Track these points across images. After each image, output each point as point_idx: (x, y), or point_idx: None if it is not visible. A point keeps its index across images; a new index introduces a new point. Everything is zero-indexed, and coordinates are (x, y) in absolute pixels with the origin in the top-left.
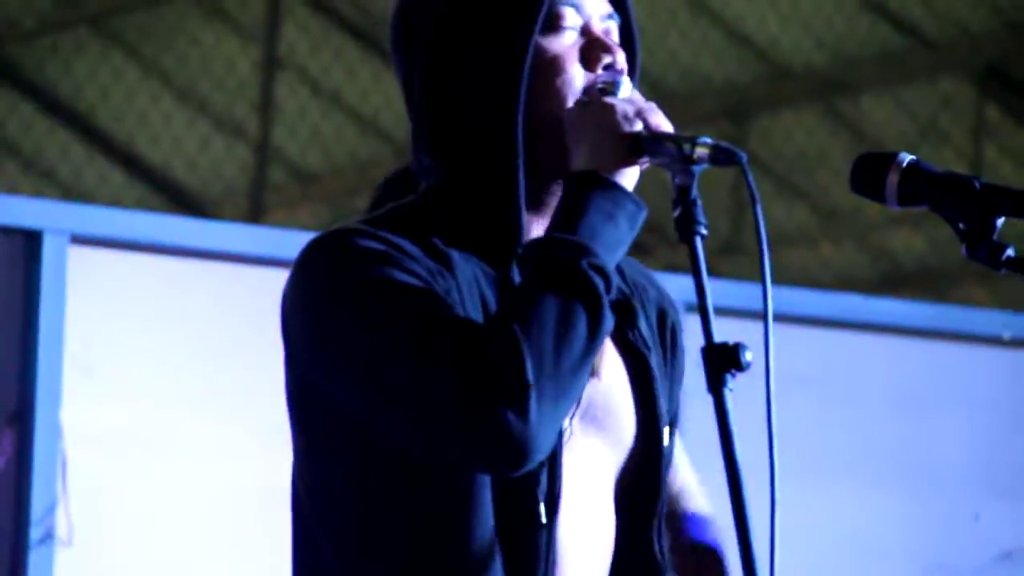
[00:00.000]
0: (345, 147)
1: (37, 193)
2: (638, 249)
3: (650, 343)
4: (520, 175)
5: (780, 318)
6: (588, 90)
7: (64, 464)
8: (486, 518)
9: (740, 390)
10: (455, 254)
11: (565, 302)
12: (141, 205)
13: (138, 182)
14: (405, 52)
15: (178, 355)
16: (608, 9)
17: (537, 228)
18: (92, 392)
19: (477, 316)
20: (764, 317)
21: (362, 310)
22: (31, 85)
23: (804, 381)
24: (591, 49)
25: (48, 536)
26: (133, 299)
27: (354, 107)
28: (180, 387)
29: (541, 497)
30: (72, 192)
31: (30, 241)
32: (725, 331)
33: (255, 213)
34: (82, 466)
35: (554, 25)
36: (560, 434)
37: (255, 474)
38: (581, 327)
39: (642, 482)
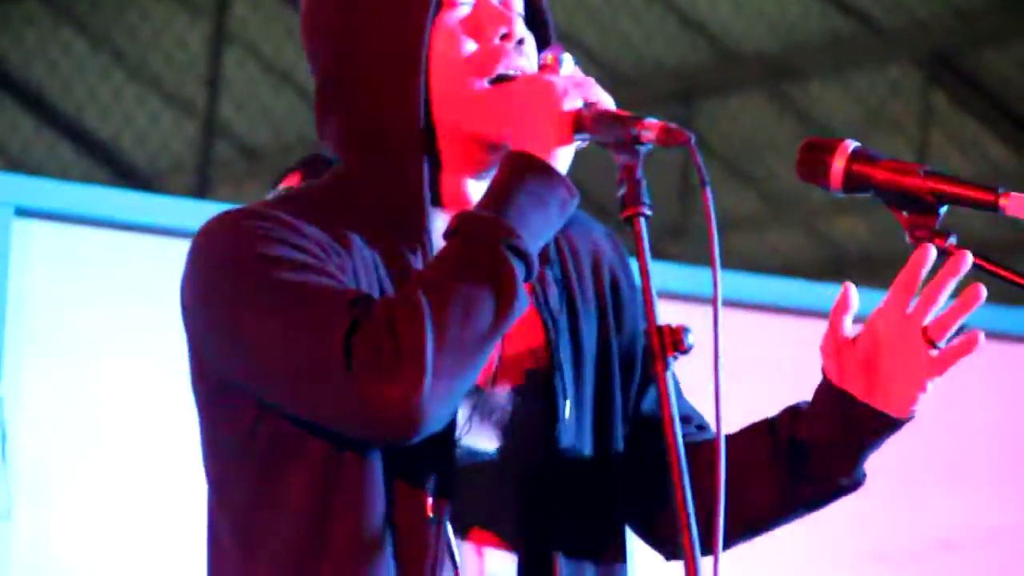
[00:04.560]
0: (294, 125)
1: None
2: None
3: (579, 312)
4: (422, 164)
5: (725, 303)
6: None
7: (4, 438)
8: (376, 507)
9: (684, 375)
10: (355, 238)
11: (478, 281)
12: (88, 179)
13: (86, 156)
14: (309, 33)
15: (121, 329)
16: None
17: (440, 217)
18: (34, 365)
19: (374, 295)
20: (714, 301)
21: (252, 283)
22: None
23: (748, 366)
24: (480, 19)
25: None
26: (77, 273)
27: (304, 85)
28: (123, 361)
29: (431, 491)
30: (20, 165)
31: None
32: (671, 315)
33: (202, 189)
34: (23, 440)
35: (447, 2)
36: (453, 426)
37: (196, 448)
38: (489, 308)
39: (542, 464)
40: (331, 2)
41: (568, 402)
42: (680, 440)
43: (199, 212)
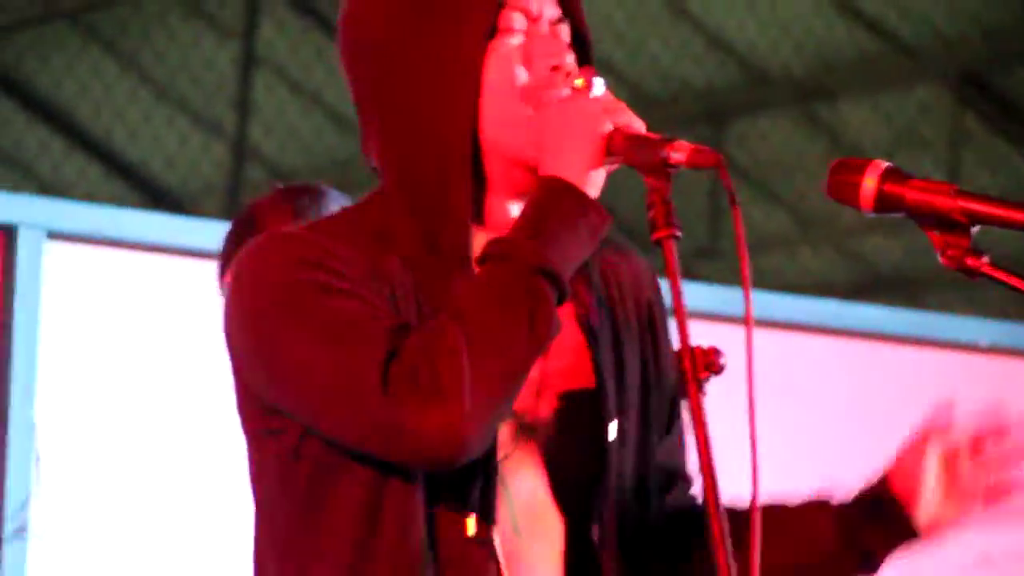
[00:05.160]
0: (323, 147)
1: (15, 189)
2: None
3: (622, 336)
4: (469, 186)
5: (756, 323)
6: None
7: (38, 460)
8: (419, 530)
9: (716, 396)
10: (394, 261)
11: (512, 307)
12: (119, 202)
13: (116, 178)
14: (352, 54)
15: (153, 352)
16: (557, 12)
17: (480, 239)
18: (67, 388)
19: (412, 322)
20: (746, 321)
21: (291, 310)
22: (9, 80)
23: (780, 386)
24: (534, 49)
25: (22, 530)
26: (109, 295)
27: (333, 106)
28: (155, 384)
29: (474, 513)
30: (50, 188)
31: (6, 236)
32: (702, 334)
33: (231, 210)
34: (56, 462)
35: (501, 29)
36: (494, 447)
37: (231, 472)
38: (523, 333)
39: (586, 482)
40: (380, 23)
41: (613, 424)
42: (715, 464)
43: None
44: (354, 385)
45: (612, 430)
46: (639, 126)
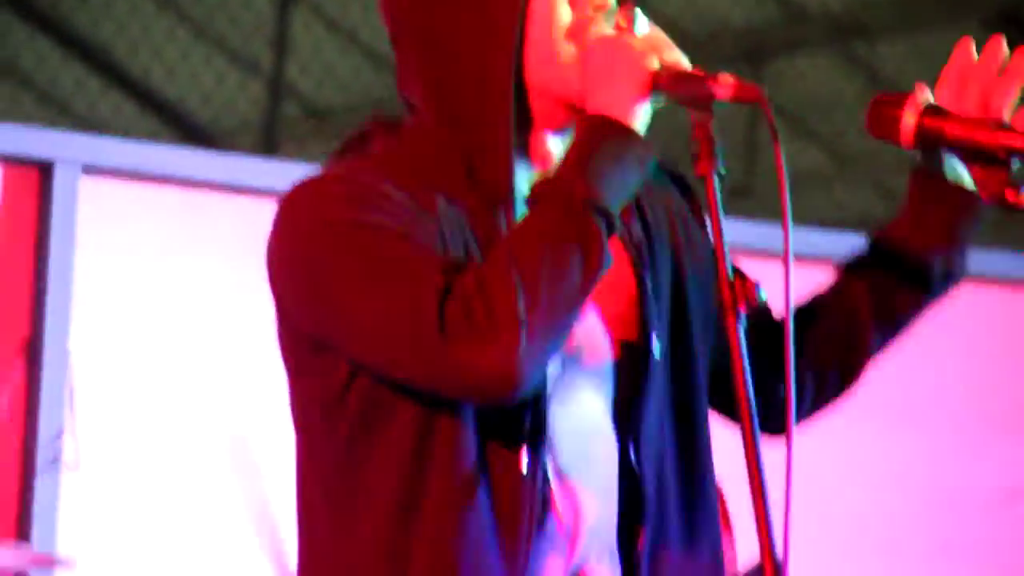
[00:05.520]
0: (360, 84)
1: (51, 126)
2: None
3: (654, 248)
4: (511, 122)
5: (795, 258)
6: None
7: (72, 392)
8: (470, 463)
9: None
10: (440, 199)
11: (564, 242)
12: (154, 138)
13: (151, 115)
14: None
15: (186, 286)
16: None
17: (523, 176)
18: (101, 322)
19: (461, 259)
20: (784, 254)
21: (344, 248)
22: (47, 18)
23: None
24: None
25: (55, 460)
26: (144, 230)
27: (369, 45)
28: (188, 317)
29: (524, 446)
30: (86, 125)
31: (42, 172)
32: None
33: (267, 147)
34: (90, 395)
35: None
36: (544, 381)
37: (262, 402)
38: (577, 267)
39: (633, 398)
40: None
41: (659, 342)
42: (751, 393)
43: (265, 170)
44: (409, 323)
45: (656, 348)
46: (684, 62)
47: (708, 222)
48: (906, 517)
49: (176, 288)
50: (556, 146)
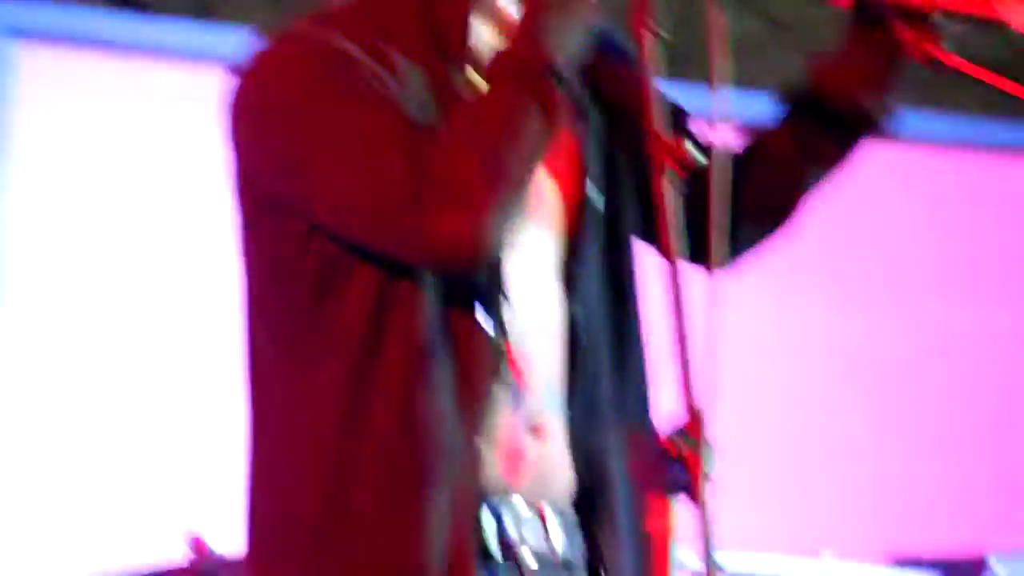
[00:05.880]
0: None
1: None
2: None
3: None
4: None
5: (731, 121)
6: None
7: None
8: (430, 321)
9: None
10: (398, 57)
11: (518, 104)
12: (85, 2)
13: None
14: None
15: (125, 154)
16: None
17: (485, 31)
18: (36, 190)
19: (421, 119)
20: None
21: (309, 110)
22: None
23: None
24: None
25: None
26: (75, 96)
27: None
28: (125, 187)
29: (481, 305)
30: None
31: None
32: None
33: (199, 11)
34: (17, 264)
35: None
36: (501, 246)
37: (207, 277)
38: (531, 129)
39: (575, 246)
40: None
41: (600, 196)
42: (679, 253)
43: (198, 33)
44: (373, 187)
45: (593, 192)
46: None
47: (641, 80)
48: (830, 378)
49: (113, 155)
50: (511, 3)
